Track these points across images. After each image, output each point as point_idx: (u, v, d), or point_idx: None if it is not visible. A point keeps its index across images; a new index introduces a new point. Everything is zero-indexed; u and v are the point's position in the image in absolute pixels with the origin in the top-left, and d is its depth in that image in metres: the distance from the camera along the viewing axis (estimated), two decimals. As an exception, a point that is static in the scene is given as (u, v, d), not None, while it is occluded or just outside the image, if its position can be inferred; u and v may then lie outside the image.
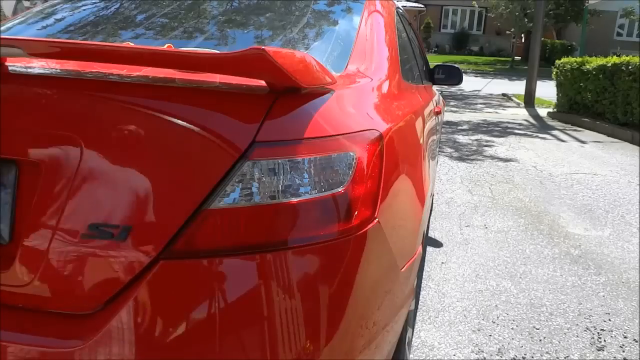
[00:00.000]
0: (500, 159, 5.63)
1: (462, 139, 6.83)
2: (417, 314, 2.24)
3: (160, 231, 0.85)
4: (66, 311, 0.89)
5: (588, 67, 8.11)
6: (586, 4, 19.24)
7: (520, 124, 8.46)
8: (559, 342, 2.10)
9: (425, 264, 2.73)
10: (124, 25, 1.54)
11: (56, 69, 1.04)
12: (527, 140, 6.92)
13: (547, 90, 11.63)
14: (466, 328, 2.17)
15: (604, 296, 2.52)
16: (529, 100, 10.84)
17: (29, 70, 1.02)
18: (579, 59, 8.66)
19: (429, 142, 1.96)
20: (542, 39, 14.01)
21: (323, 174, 0.90)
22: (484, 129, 7.80)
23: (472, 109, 10.25)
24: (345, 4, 1.64)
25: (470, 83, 14.01)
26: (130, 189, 0.87)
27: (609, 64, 7.57)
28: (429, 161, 1.86)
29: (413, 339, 2.04)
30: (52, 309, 0.89)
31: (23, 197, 0.90)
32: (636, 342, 2.12)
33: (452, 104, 10.59)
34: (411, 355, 1.94)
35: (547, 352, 2.02)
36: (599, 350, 2.05)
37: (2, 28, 1.57)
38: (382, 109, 1.24)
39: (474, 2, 24.42)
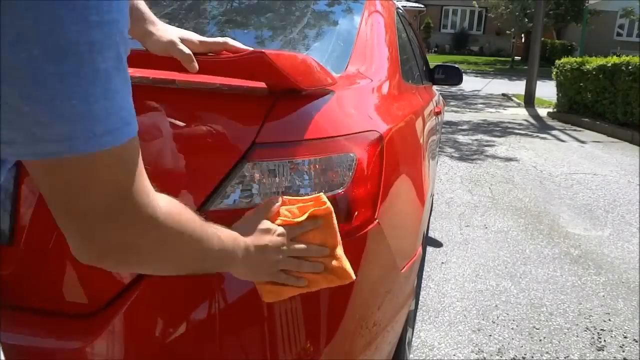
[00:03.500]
0: (500, 159, 5.63)
1: (462, 138, 6.83)
2: (417, 314, 2.24)
3: (161, 232, 0.85)
4: (67, 312, 0.89)
5: (588, 67, 8.11)
6: (586, 4, 19.22)
7: (520, 124, 8.46)
8: (559, 342, 2.10)
9: (425, 264, 2.73)
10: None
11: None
12: (527, 140, 6.93)
13: (547, 90, 11.63)
14: (466, 328, 2.17)
15: (604, 296, 2.52)
16: (529, 100, 10.84)
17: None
18: (579, 59, 8.67)
19: (429, 142, 1.96)
20: (542, 39, 14.01)
21: (323, 175, 0.90)
22: (484, 128, 7.80)
23: (472, 109, 10.25)
24: (345, 4, 1.64)
25: (470, 83, 14.01)
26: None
27: (609, 64, 7.57)
28: (429, 161, 1.86)
29: (413, 339, 2.04)
30: (53, 309, 0.89)
31: (23, 198, 0.90)
32: (636, 342, 2.13)
33: (452, 104, 10.59)
34: (411, 355, 1.94)
35: (547, 352, 2.02)
36: (599, 350, 2.05)
37: None
38: (382, 110, 1.24)
39: (474, 2, 24.41)
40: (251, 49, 0.84)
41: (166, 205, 0.53)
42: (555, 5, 20.41)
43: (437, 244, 3.11)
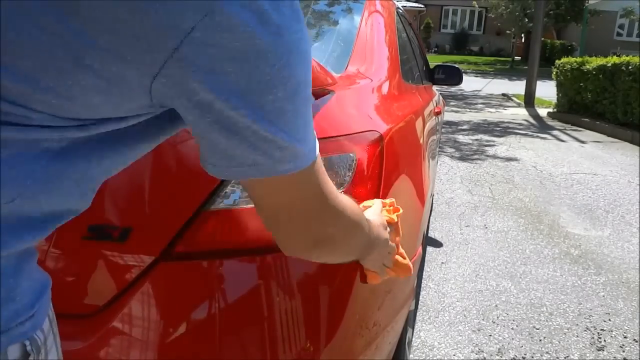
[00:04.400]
0: (501, 159, 5.64)
1: (462, 138, 6.83)
2: (417, 314, 2.24)
3: (161, 232, 0.85)
4: (67, 312, 0.89)
5: (588, 67, 8.11)
6: (586, 4, 19.22)
7: (520, 124, 8.46)
8: (559, 342, 2.10)
9: (425, 264, 2.73)
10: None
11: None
12: (527, 140, 6.93)
13: (547, 90, 11.63)
14: (466, 328, 2.17)
15: (604, 296, 2.52)
16: (529, 100, 10.84)
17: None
18: (579, 59, 8.67)
19: (429, 142, 1.96)
20: (542, 39, 14.01)
21: (323, 175, 0.90)
22: (484, 128, 7.80)
23: (472, 109, 10.26)
24: (346, 4, 1.64)
25: (470, 83, 14.01)
26: (130, 190, 0.88)
27: (609, 64, 7.57)
28: (429, 161, 1.86)
29: (413, 339, 2.04)
30: (53, 309, 0.89)
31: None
32: (636, 342, 2.13)
33: (452, 104, 10.59)
34: (411, 355, 1.94)
35: (547, 352, 2.02)
36: (599, 350, 2.05)
37: None
38: (382, 110, 1.24)
39: (474, 2, 24.42)
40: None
41: (342, 197, 0.61)
42: (555, 5, 20.41)
43: (437, 244, 3.11)
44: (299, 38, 0.45)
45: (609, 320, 2.29)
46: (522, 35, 22.84)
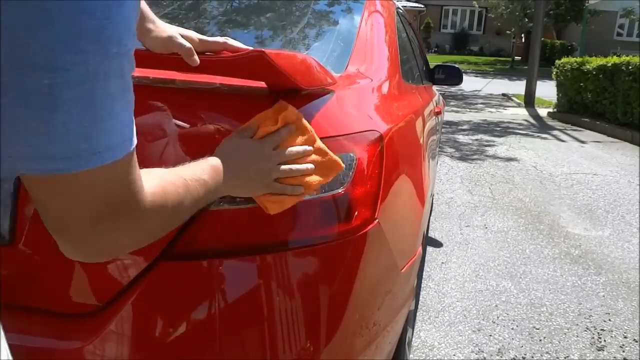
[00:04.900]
0: (501, 159, 5.63)
1: (462, 138, 6.83)
2: (417, 314, 2.24)
3: (161, 232, 0.85)
4: (67, 311, 0.89)
5: (588, 67, 8.11)
6: (586, 4, 19.23)
7: (520, 124, 8.46)
8: (559, 342, 2.10)
9: (426, 264, 2.73)
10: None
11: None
12: (527, 140, 6.93)
13: (547, 90, 11.63)
14: (466, 328, 2.17)
15: (604, 296, 2.52)
16: (529, 100, 10.84)
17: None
18: (579, 59, 8.67)
19: (429, 142, 1.96)
20: (542, 39, 14.01)
21: (323, 175, 0.90)
22: (484, 128, 7.80)
23: (472, 109, 10.26)
24: (345, 4, 1.64)
25: (470, 83, 14.00)
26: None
27: (609, 64, 7.57)
28: (429, 161, 1.86)
29: (413, 339, 2.04)
30: (53, 309, 0.89)
31: (24, 197, 0.90)
32: (636, 342, 2.13)
33: (452, 104, 10.59)
34: (411, 355, 1.94)
35: (547, 352, 2.02)
36: (599, 350, 2.05)
37: None
38: (382, 110, 1.24)
39: (474, 2, 24.42)
40: (251, 48, 0.84)
41: (151, 193, 0.54)
42: (555, 5, 20.41)
43: (437, 244, 3.11)
44: None
45: (609, 320, 2.29)
46: (522, 35, 22.84)
